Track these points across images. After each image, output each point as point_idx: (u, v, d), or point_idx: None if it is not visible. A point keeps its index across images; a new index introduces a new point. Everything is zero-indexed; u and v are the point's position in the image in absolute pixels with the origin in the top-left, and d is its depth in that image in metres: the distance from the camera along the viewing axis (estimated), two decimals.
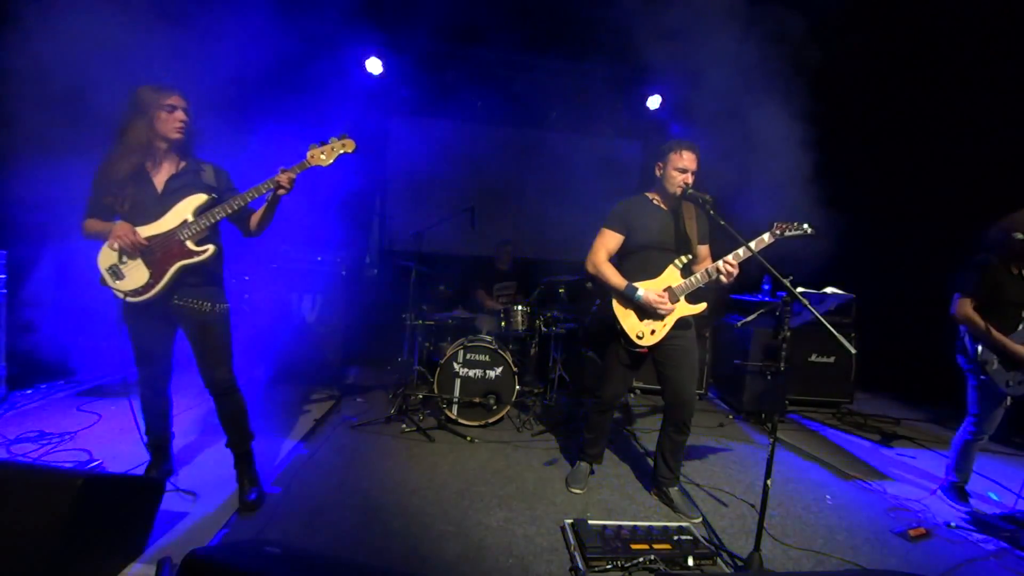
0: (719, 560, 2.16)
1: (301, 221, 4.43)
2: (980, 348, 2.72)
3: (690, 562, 2.08)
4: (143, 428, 2.40)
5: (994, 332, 2.66)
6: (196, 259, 2.14)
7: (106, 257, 2.10)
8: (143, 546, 1.94)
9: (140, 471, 2.46)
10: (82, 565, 1.64)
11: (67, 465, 2.56)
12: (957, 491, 2.88)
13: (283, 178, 2.14)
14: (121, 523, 1.82)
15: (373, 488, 2.58)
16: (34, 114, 3.33)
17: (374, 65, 5.25)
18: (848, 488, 3.04)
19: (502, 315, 4.24)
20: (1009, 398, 2.69)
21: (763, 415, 4.23)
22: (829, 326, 1.88)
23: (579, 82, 5.80)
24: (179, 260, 2.12)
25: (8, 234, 3.50)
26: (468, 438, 3.35)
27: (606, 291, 2.59)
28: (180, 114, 2.11)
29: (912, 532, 2.48)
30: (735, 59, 3.98)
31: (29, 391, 3.58)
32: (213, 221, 2.14)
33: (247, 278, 4.39)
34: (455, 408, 3.55)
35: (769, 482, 2.05)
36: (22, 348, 3.68)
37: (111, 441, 2.87)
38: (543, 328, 4.12)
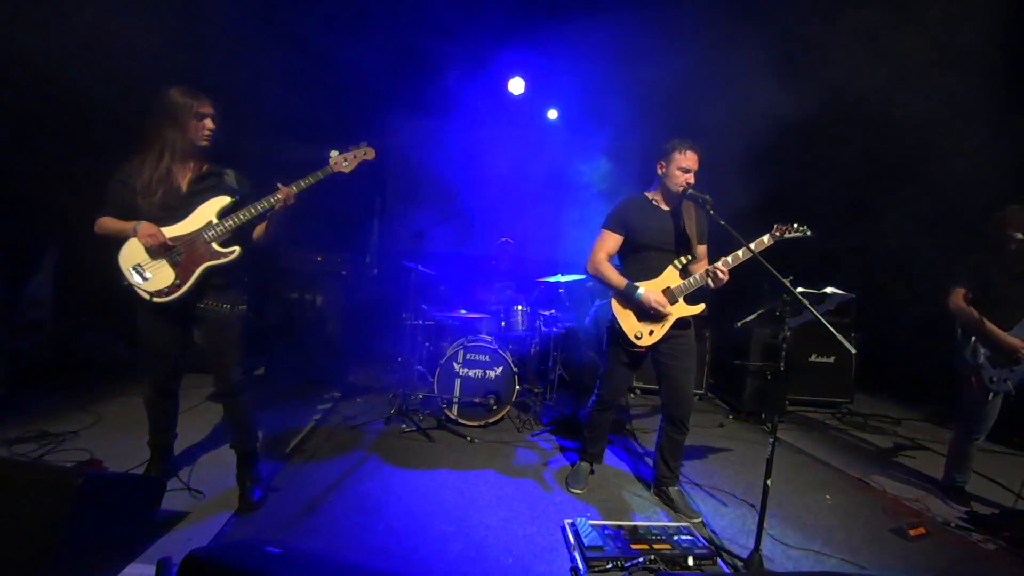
0: (719, 560, 2.16)
1: (301, 221, 4.42)
2: (970, 344, 2.74)
3: (690, 562, 2.08)
4: (148, 426, 2.40)
5: (986, 322, 2.68)
6: (223, 260, 2.16)
7: (128, 257, 2.09)
8: (143, 546, 1.94)
9: (140, 471, 2.45)
10: (82, 565, 1.63)
11: (67, 465, 2.56)
12: (957, 491, 2.89)
13: (282, 194, 2.17)
14: (121, 523, 1.82)
15: (373, 488, 2.58)
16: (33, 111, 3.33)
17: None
18: (848, 488, 3.04)
19: (502, 315, 4.24)
20: (992, 394, 2.71)
21: (763, 415, 4.23)
22: (829, 326, 1.88)
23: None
24: (206, 261, 2.13)
25: (8, 233, 3.50)
26: (468, 438, 3.35)
27: (606, 291, 2.60)
28: (209, 122, 2.14)
29: (912, 532, 2.48)
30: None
31: (29, 391, 3.57)
32: (237, 224, 2.16)
33: (246, 279, 4.39)
34: (455, 408, 3.55)
35: (769, 482, 2.06)
36: (22, 348, 3.67)
37: (111, 441, 2.87)
38: (543, 328, 4.12)
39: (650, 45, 4.38)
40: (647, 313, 2.49)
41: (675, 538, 2.17)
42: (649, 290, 2.46)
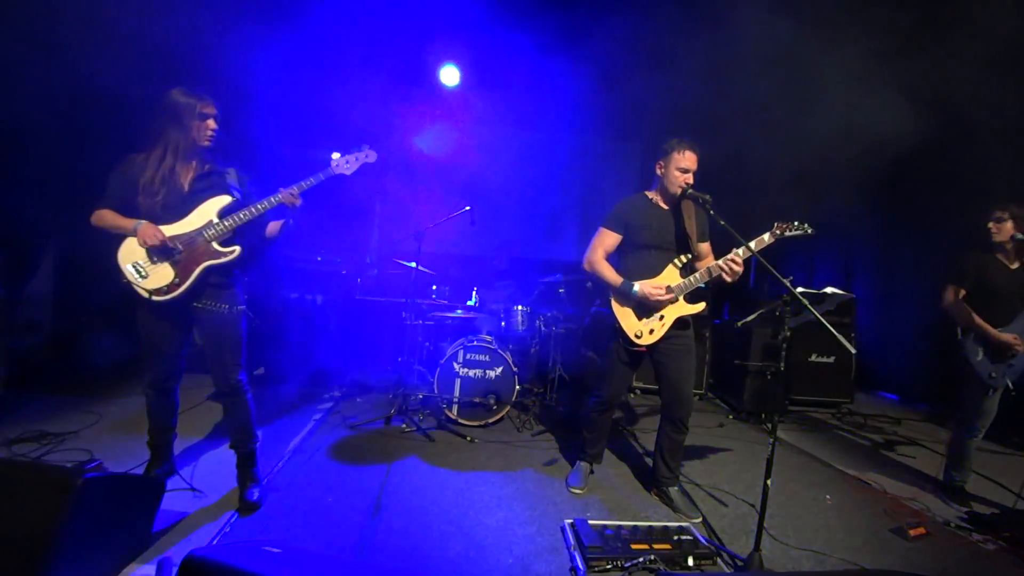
0: (719, 560, 2.16)
1: (301, 222, 4.43)
2: (968, 340, 2.75)
3: (690, 562, 2.08)
4: (148, 426, 2.39)
5: (976, 319, 2.70)
6: (223, 259, 2.17)
7: (128, 254, 2.09)
8: (143, 546, 1.94)
9: (140, 471, 2.45)
10: (82, 565, 1.63)
11: (67, 465, 2.56)
12: (956, 490, 2.89)
13: (283, 195, 2.19)
14: (121, 523, 1.82)
15: (373, 488, 2.58)
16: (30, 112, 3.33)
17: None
18: (848, 488, 3.04)
19: (502, 315, 4.24)
20: (992, 389, 2.72)
21: (763, 415, 4.23)
22: (829, 326, 1.88)
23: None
24: (206, 260, 2.14)
25: (8, 233, 3.49)
26: (468, 438, 3.34)
27: (606, 291, 2.60)
28: (212, 123, 2.16)
29: (912, 532, 2.48)
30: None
31: (29, 391, 3.57)
32: (237, 223, 2.17)
33: (246, 279, 4.38)
34: (455, 408, 3.55)
35: (769, 482, 2.06)
36: (22, 348, 3.67)
37: (111, 441, 2.87)
38: (543, 328, 4.12)
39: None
40: (647, 311, 2.49)
41: (675, 538, 2.17)
42: (645, 284, 2.47)
